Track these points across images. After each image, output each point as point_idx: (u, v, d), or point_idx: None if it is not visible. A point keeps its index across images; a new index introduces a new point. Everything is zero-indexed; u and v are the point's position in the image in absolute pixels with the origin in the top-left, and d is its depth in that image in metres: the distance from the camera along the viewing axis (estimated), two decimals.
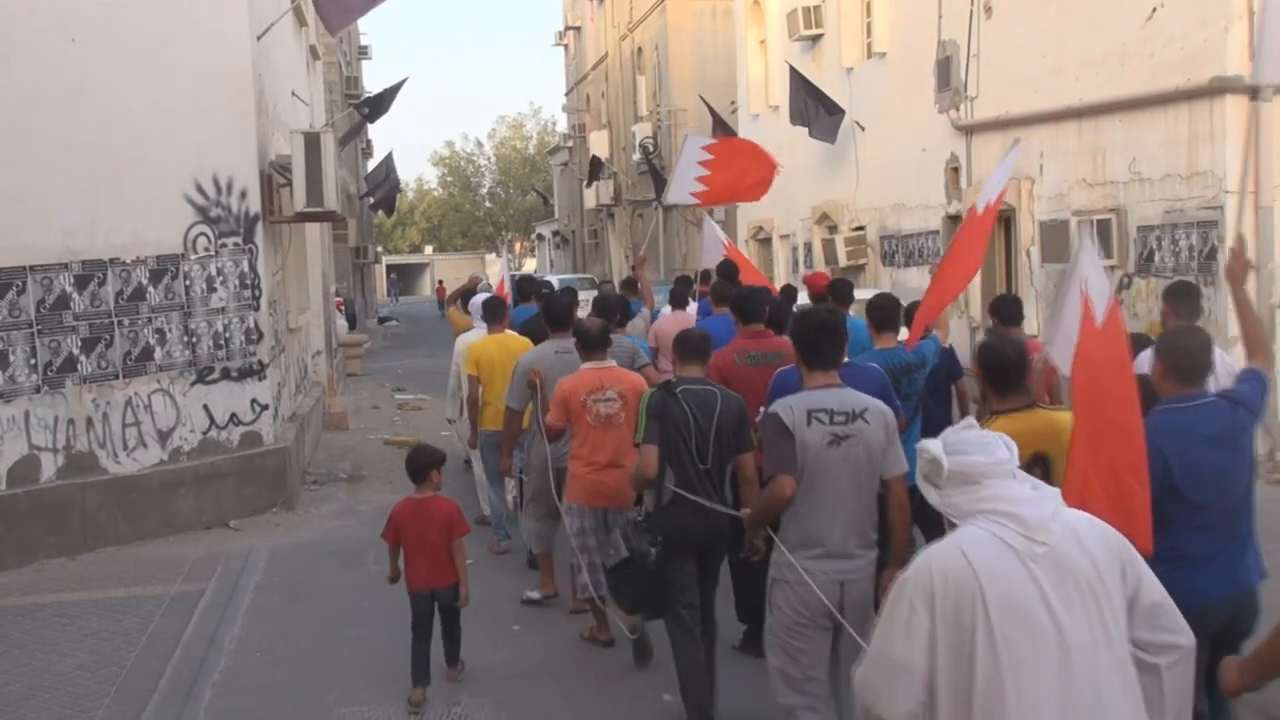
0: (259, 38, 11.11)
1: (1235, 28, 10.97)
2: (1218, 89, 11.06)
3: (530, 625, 7.53)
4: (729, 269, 10.06)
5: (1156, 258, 11.96)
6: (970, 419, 3.39)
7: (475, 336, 9.40)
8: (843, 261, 19.35)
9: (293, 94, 14.46)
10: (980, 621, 2.82)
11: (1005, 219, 15.40)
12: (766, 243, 24.67)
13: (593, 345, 6.80)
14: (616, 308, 9.20)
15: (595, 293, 12.67)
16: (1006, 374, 4.69)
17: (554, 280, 18.99)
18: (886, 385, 5.94)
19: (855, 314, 8.16)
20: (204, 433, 10.39)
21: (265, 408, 10.70)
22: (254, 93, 10.66)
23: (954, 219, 16.44)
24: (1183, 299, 6.46)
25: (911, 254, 17.88)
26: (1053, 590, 2.85)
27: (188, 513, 10.19)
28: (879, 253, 18.98)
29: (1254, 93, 10.74)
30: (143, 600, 8.27)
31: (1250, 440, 4.46)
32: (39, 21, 9.59)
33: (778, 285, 13.06)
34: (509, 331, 9.12)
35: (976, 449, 3.05)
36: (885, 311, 6.82)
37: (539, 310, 8.96)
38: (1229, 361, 5.87)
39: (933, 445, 3.14)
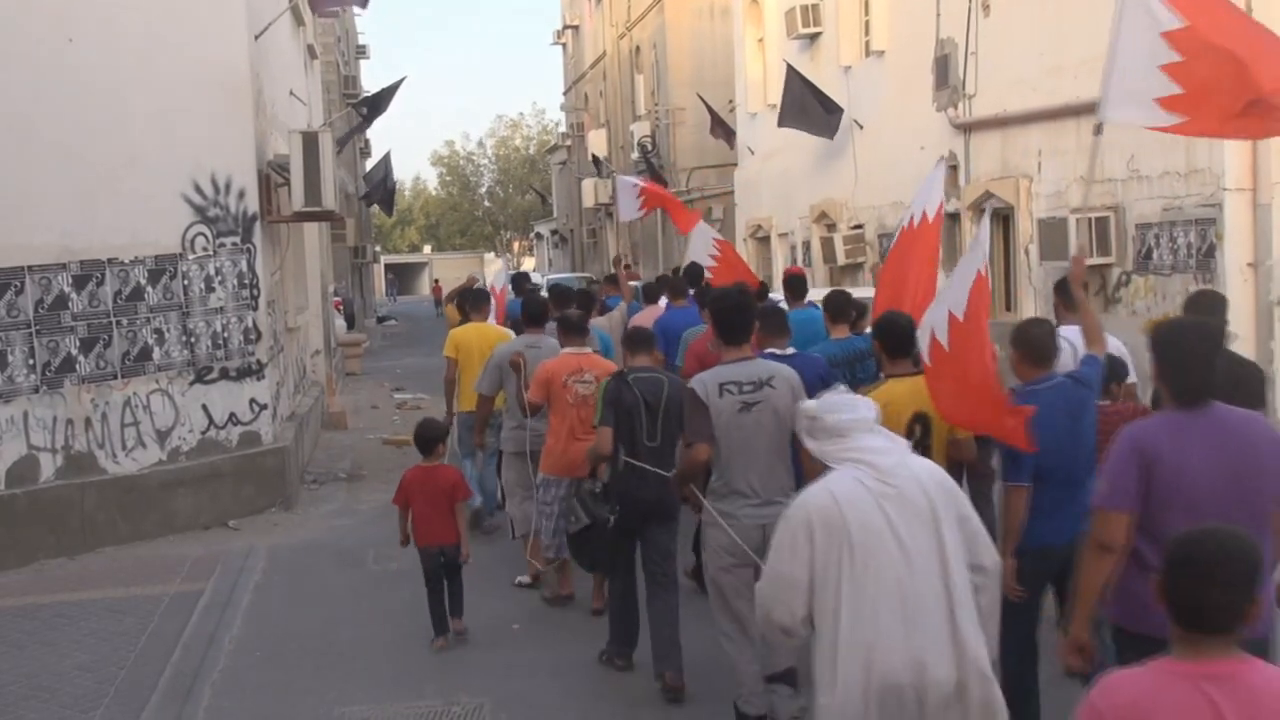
0: (256, 37, 11.11)
1: None
2: None
3: (530, 624, 7.53)
4: (695, 271, 11.23)
5: (1155, 255, 11.96)
6: (843, 386, 4.39)
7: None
8: (841, 260, 19.34)
9: (290, 93, 14.45)
10: (844, 541, 3.75)
11: (1004, 217, 15.39)
12: (765, 241, 24.66)
13: (573, 332, 7.67)
14: (593, 302, 10.57)
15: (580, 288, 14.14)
16: (899, 342, 5.54)
17: (543, 279, 20.49)
18: (826, 370, 6.54)
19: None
20: (203, 432, 10.39)
21: (264, 407, 10.70)
22: (252, 92, 10.66)
23: (952, 217, 16.43)
24: (1062, 292, 6.94)
25: None
26: (898, 519, 3.77)
27: (187, 513, 10.19)
28: (878, 251, 18.98)
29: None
30: (142, 600, 8.27)
31: (1091, 414, 5.21)
32: (37, 22, 9.58)
33: (777, 285, 14.03)
34: (489, 322, 10.08)
35: (845, 409, 3.97)
36: (839, 305, 7.58)
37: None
38: (1076, 346, 6.36)
39: (811, 405, 4.06)
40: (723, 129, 26.39)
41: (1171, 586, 2.40)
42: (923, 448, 5.06)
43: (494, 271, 19.60)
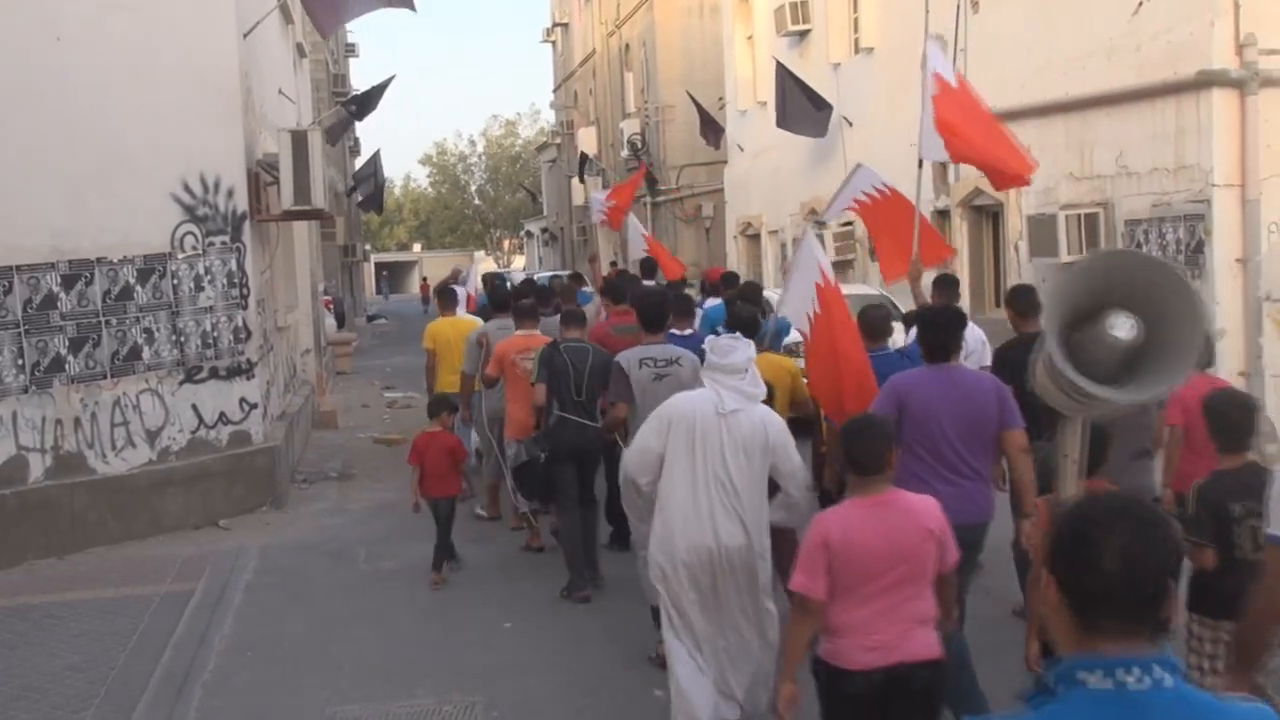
0: (245, 35, 11.08)
1: (1221, 22, 11.01)
2: (1204, 82, 11.09)
3: (522, 622, 7.53)
4: (649, 264, 13.33)
5: (1144, 251, 11.99)
6: (738, 334, 6.15)
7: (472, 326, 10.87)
8: (831, 257, 19.34)
9: (280, 92, 14.42)
10: (690, 436, 5.40)
11: (993, 214, 15.43)
12: (755, 239, 24.67)
13: (523, 317, 9.20)
14: (549, 294, 11.80)
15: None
16: (751, 330, 7.07)
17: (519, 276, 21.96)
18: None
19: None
20: (193, 432, 10.36)
21: (254, 406, 10.68)
22: (240, 91, 10.63)
23: (942, 214, 16.46)
24: (947, 286, 8.67)
25: None
26: (729, 435, 5.38)
27: (177, 512, 10.16)
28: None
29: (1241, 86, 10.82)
30: (132, 600, 8.25)
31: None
32: (24, 20, 9.55)
33: (769, 283, 15.48)
34: (460, 314, 11.55)
35: (726, 353, 5.56)
36: (751, 299, 9.19)
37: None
38: (979, 333, 8.33)
39: (710, 340, 5.88)
40: (711, 129, 26.36)
41: (849, 449, 3.50)
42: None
43: (485, 269, 20.87)
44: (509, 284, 16.37)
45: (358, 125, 30.31)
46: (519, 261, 62.49)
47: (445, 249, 74.76)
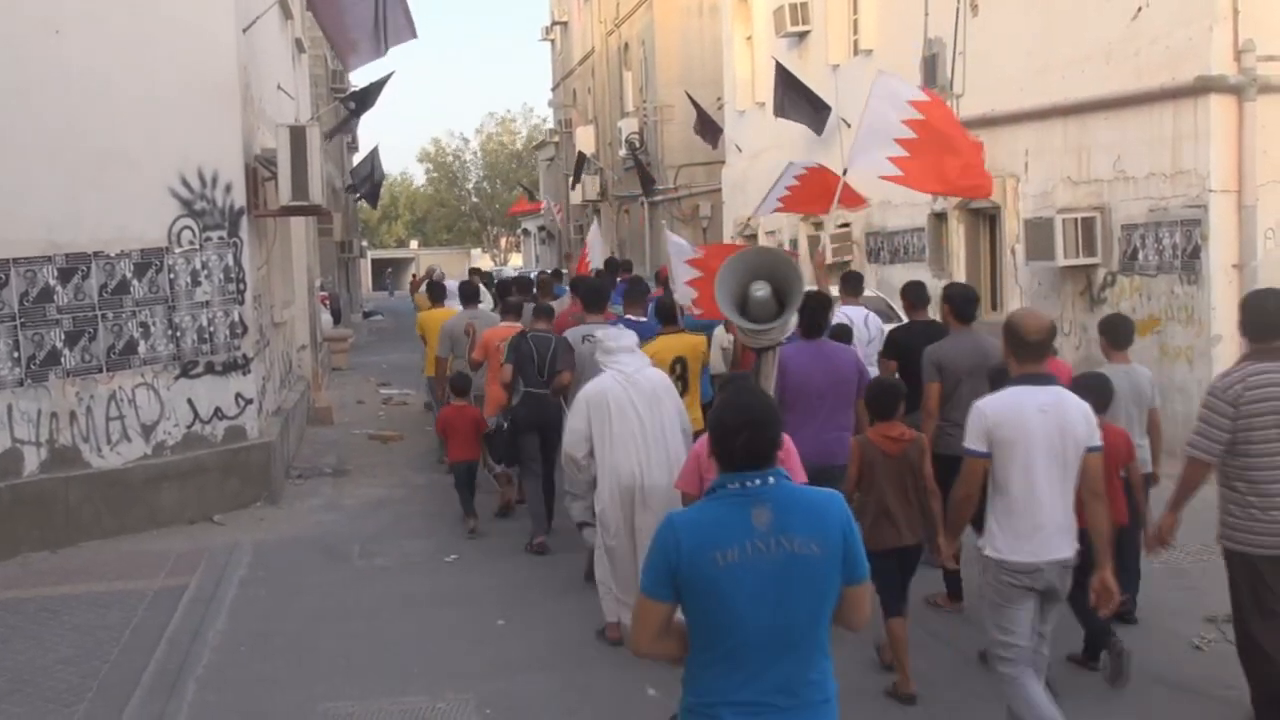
0: (244, 30, 11.08)
1: (1219, 27, 11.02)
2: (1202, 88, 11.11)
3: (515, 620, 7.53)
4: (613, 264, 15.15)
5: (1140, 256, 12.01)
6: (624, 327, 7.77)
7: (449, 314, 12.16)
8: (828, 258, 19.34)
9: (278, 87, 14.41)
10: (606, 410, 6.77)
11: (990, 217, 15.44)
12: (753, 239, 24.67)
13: (509, 311, 10.58)
14: (531, 287, 13.29)
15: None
16: (670, 315, 8.68)
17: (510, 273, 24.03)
18: (654, 331, 8.81)
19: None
20: (188, 427, 10.36)
21: (250, 402, 10.67)
22: (239, 86, 10.62)
23: (939, 216, 16.48)
24: (851, 281, 10.47)
25: (897, 251, 17.92)
26: (637, 398, 6.78)
27: (171, 507, 10.16)
28: (865, 250, 19.02)
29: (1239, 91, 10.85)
30: (126, 595, 8.24)
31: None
32: (23, 14, 9.54)
33: None
34: (450, 306, 12.82)
35: (616, 339, 7.07)
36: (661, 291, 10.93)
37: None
38: (855, 321, 9.66)
39: (599, 333, 7.56)
40: (709, 128, 26.34)
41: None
42: (682, 380, 8.13)
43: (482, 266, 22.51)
44: (494, 280, 18.67)
45: (355, 121, 30.22)
46: (515, 259, 62.43)
47: (443, 246, 74.76)
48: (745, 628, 3.14)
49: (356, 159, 34.78)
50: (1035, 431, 4.85)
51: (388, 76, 19.43)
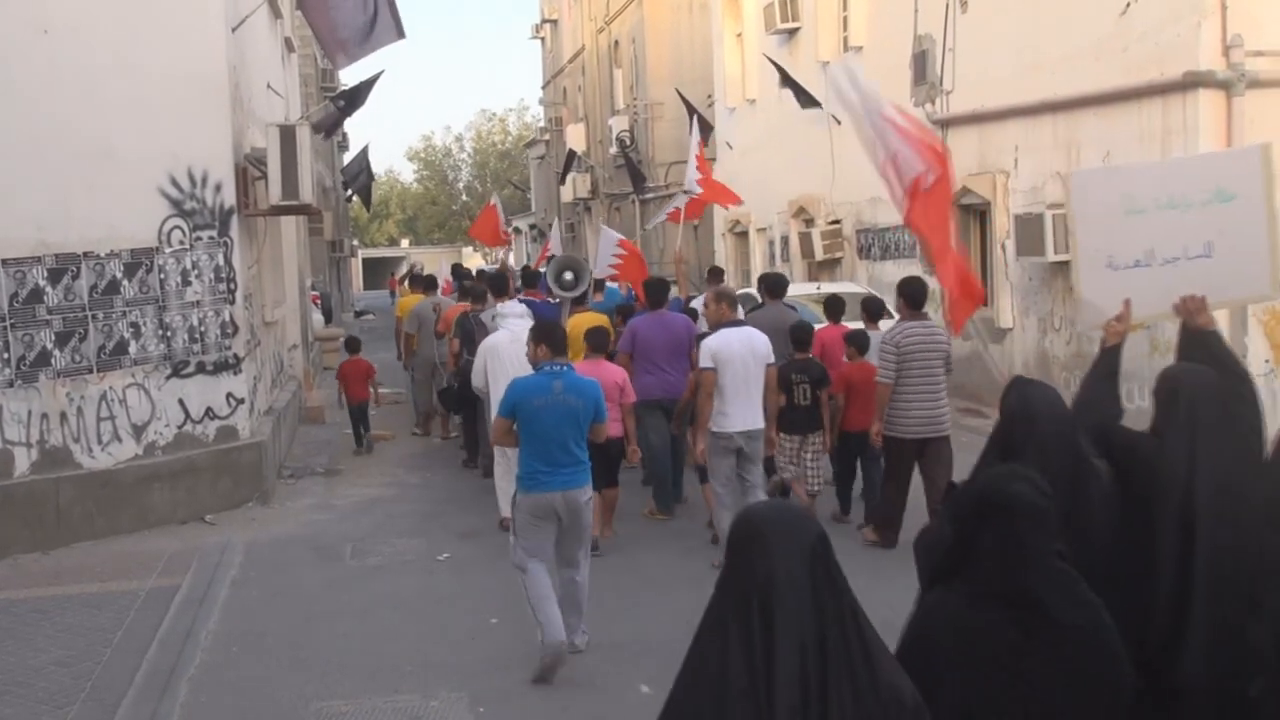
0: (234, 30, 11.05)
1: (1208, 22, 11.05)
2: (1190, 83, 11.14)
3: (507, 618, 7.53)
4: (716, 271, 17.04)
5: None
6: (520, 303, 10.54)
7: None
8: (819, 255, 19.39)
9: (268, 86, 14.38)
10: (497, 360, 9.19)
11: (980, 213, 15.47)
12: (744, 236, 24.70)
13: (465, 295, 12.97)
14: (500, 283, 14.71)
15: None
16: (584, 298, 11.81)
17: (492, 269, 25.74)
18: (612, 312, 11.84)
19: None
20: (179, 427, 10.34)
21: (241, 402, 10.66)
22: (229, 85, 10.60)
23: None
24: (716, 274, 13.72)
25: (888, 247, 17.94)
26: (517, 348, 8.49)
27: (163, 507, 10.14)
28: (855, 246, 19.04)
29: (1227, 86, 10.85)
30: (118, 595, 8.23)
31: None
32: (11, 12, 9.50)
33: (753, 278, 17.21)
34: (436, 297, 15.04)
35: (513, 309, 9.76)
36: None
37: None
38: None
39: (500, 307, 10.33)
40: (702, 127, 26.27)
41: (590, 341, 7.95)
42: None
43: (474, 264, 23.46)
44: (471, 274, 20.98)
45: (345, 120, 30.15)
46: (508, 259, 62.23)
47: (434, 244, 74.62)
48: (546, 434, 6.52)
49: (347, 158, 34.73)
50: (735, 354, 8.15)
51: (377, 75, 19.30)
